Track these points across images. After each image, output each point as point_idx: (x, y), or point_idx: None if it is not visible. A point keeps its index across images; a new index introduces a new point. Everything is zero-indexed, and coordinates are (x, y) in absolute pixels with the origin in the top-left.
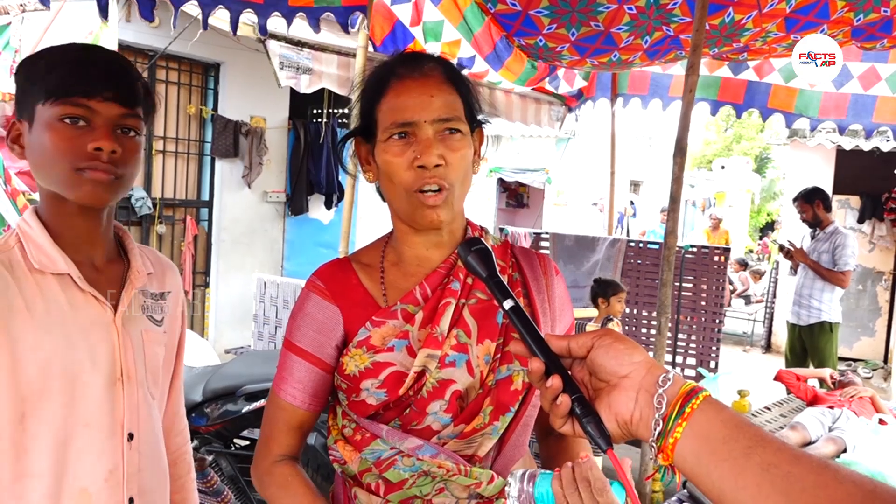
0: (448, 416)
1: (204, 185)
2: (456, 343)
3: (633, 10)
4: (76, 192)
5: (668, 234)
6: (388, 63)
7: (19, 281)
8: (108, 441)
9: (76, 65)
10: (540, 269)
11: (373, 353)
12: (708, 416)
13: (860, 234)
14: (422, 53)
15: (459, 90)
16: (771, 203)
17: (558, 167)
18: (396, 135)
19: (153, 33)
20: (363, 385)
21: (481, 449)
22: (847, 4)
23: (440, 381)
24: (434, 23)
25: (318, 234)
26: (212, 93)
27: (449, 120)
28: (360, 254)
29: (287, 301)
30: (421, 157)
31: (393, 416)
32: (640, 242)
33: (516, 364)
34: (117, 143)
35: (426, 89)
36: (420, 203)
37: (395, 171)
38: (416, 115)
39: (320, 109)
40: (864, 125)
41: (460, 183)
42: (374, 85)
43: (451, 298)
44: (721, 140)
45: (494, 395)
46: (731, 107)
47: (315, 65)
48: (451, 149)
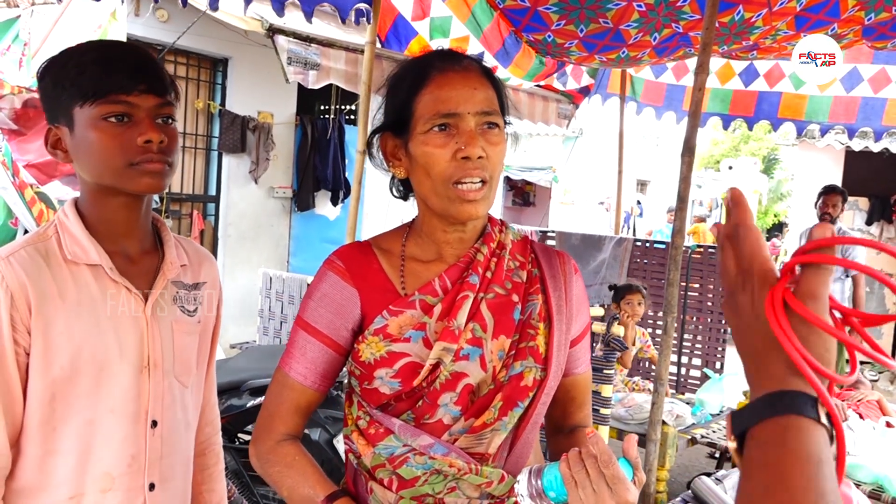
0: (458, 408)
1: (211, 180)
2: (471, 337)
3: (642, 7)
4: (135, 184)
5: (675, 234)
6: (425, 58)
7: (53, 270)
8: (132, 427)
9: (106, 63)
10: (559, 267)
11: (389, 341)
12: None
13: (868, 236)
14: (457, 51)
15: (496, 88)
16: (778, 204)
17: (565, 166)
18: (438, 126)
19: (162, 27)
20: (377, 374)
21: (491, 446)
22: (858, 3)
23: (453, 373)
24: (442, 18)
25: (324, 229)
26: (219, 88)
27: (490, 113)
28: (380, 239)
29: (293, 297)
30: (465, 147)
31: (405, 407)
32: (646, 242)
33: (530, 360)
34: (162, 132)
35: (469, 81)
36: (458, 197)
37: (436, 163)
38: (460, 107)
39: (328, 105)
40: (873, 128)
41: (496, 178)
42: (411, 78)
43: (469, 292)
44: (729, 140)
45: (505, 391)
46: (743, 120)
47: (323, 60)
48: (491, 143)
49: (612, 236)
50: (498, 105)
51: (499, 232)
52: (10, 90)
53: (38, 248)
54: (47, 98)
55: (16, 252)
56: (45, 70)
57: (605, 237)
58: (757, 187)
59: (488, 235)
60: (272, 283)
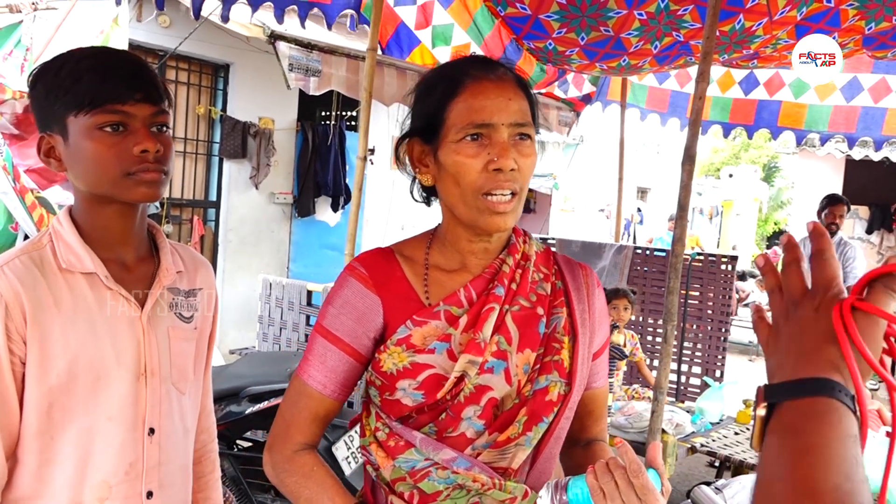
0: (481, 422)
1: (212, 186)
2: (496, 350)
3: (643, 15)
4: (131, 194)
5: (675, 242)
6: (458, 64)
7: (48, 278)
8: (130, 435)
9: (101, 72)
10: (582, 279)
11: (412, 352)
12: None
13: (869, 244)
14: (492, 59)
15: (529, 99)
16: (779, 212)
17: (566, 173)
18: (470, 136)
19: (164, 33)
20: (399, 385)
21: (515, 461)
22: (858, 13)
23: (477, 386)
24: (444, 26)
25: (325, 236)
26: (221, 93)
27: (523, 125)
28: (403, 246)
29: (293, 303)
30: (498, 159)
31: (427, 420)
32: (646, 249)
33: (555, 375)
34: (157, 141)
35: (504, 92)
36: (487, 208)
37: (467, 173)
38: (494, 117)
39: (329, 111)
40: (874, 137)
41: (525, 189)
42: (444, 84)
43: (495, 304)
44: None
45: (530, 406)
46: (743, 128)
47: (324, 67)
48: (523, 154)
49: (612, 244)
50: (531, 116)
51: (523, 243)
52: (11, 95)
53: (32, 256)
54: (39, 106)
55: (10, 261)
56: (38, 77)
57: (605, 245)
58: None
59: (513, 246)
60: (272, 289)
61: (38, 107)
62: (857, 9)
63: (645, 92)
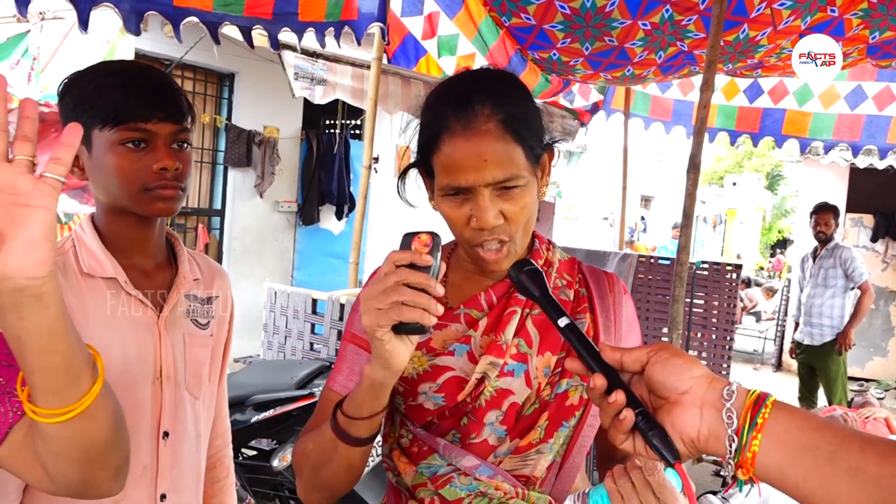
0: (503, 428)
1: (216, 194)
2: (516, 352)
3: (647, 25)
4: (149, 208)
5: (680, 251)
6: (441, 103)
7: (71, 283)
8: (144, 438)
9: (128, 89)
10: (607, 287)
11: (432, 355)
12: (782, 423)
13: (873, 252)
14: (475, 93)
15: (519, 137)
16: (782, 220)
17: (569, 181)
18: (451, 194)
19: (169, 43)
20: (421, 388)
21: (537, 469)
22: (862, 22)
23: (498, 390)
24: (449, 36)
25: (329, 244)
26: (226, 102)
27: (506, 181)
28: None
29: (297, 311)
30: (478, 220)
31: (450, 425)
32: (651, 258)
33: (576, 379)
34: (177, 159)
35: (480, 151)
36: (479, 257)
37: (454, 225)
38: (469, 181)
39: (334, 120)
40: (878, 145)
41: (523, 230)
42: (428, 129)
43: (517, 307)
44: (732, 156)
45: (551, 410)
46: (748, 136)
47: (329, 76)
48: (511, 203)
49: (616, 252)
50: (523, 159)
51: (546, 250)
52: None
53: (56, 261)
54: (67, 116)
55: None
56: (67, 88)
57: (609, 253)
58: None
59: (535, 252)
60: (277, 297)
61: (66, 117)
62: (861, 18)
63: (648, 101)
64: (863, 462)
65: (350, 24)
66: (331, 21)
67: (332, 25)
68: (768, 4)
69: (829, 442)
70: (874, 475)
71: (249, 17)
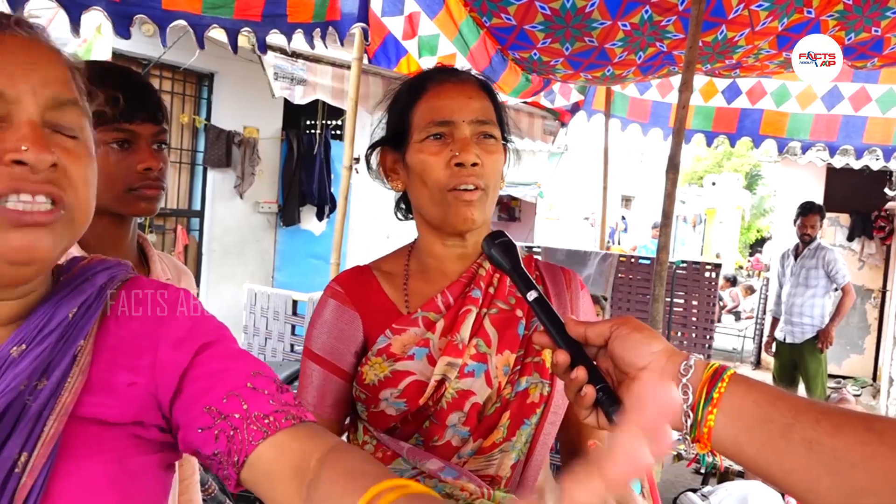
0: (466, 429)
1: (195, 195)
2: (475, 352)
3: (627, 26)
4: (132, 208)
5: (660, 250)
6: (423, 73)
7: None
8: None
9: (113, 90)
10: (564, 283)
11: (392, 361)
12: (738, 398)
13: (850, 251)
14: (455, 68)
15: (493, 101)
16: (761, 220)
17: (550, 181)
18: (433, 135)
19: (147, 42)
20: (382, 395)
21: (502, 468)
22: (838, 24)
23: (459, 391)
24: (430, 36)
25: (310, 245)
26: (205, 102)
27: (486, 123)
28: (382, 262)
29: (278, 312)
30: (460, 154)
31: (412, 429)
32: (631, 257)
33: (535, 376)
34: (159, 160)
35: (465, 91)
36: (455, 199)
37: (431, 170)
38: (454, 115)
39: (314, 120)
40: (854, 146)
41: (493, 188)
42: (408, 91)
43: (472, 306)
44: (712, 157)
45: (512, 408)
46: (726, 137)
47: (310, 76)
48: (487, 151)
49: (597, 252)
50: (495, 117)
51: None
52: None
53: None
54: None
55: None
56: None
57: (590, 252)
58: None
59: None
60: (257, 298)
61: None
62: (836, 20)
63: (626, 102)
64: (818, 434)
65: (333, 25)
66: (317, 22)
67: (318, 26)
68: (746, 6)
69: (784, 414)
70: (829, 447)
71: (238, 20)
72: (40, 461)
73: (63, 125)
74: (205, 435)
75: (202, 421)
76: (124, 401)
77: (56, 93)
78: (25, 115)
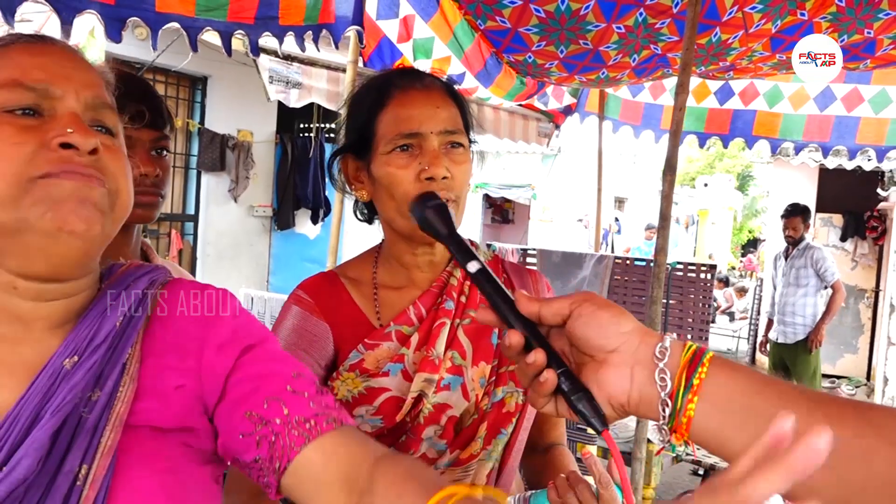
0: (443, 442)
1: (189, 199)
2: (451, 365)
3: (621, 29)
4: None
5: (657, 252)
6: (385, 76)
7: None
8: None
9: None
10: (532, 286)
11: (366, 377)
12: (721, 384)
13: (843, 251)
14: (417, 69)
15: (459, 105)
16: (753, 220)
17: (544, 183)
18: (400, 147)
19: (140, 45)
20: (356, 412)
21: (478, 477)
22: (831, 25)
23: (436, 405)
24: (424, 39)
25: (305, 248)
26: (199, 106)
27: (454, 132)
28: (347, 268)
29: (274, 316)
30: (430, 168)
31: (388, 443)
32: (626, 259)
33: (511, 385)
34: (157, 166)
35: (432, 100)
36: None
37: (400, 183)
38: (422, 126)
39: (308, 124)
40: (847, 146)
41: (463, 197)
42: (372, 97)
43: (445, 319)
44: (704, 158)
45: (489, 420)
46: (718, 138)
47: (305, 79)
48: (456, 162)
49: (592, 253)
50: (462, 124)
51: (470, 244)
52: None
53: None
54: None
55: None
56: None
57: (585, 254)
58: (732, 204)
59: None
60: (253, 302)
61: None
62: (829, 21)
63: (619, 104)
64: (809, 426)
65: (327, 28)
66: (309, 24)
67: (310, 29)
68: (740, 8)
69: (773, 404)
70: None
71: (231, 23)
72: (100, 473)
73: (102, 122)
74: (246, 441)
75: (243, 427)
76: (173, 404)
77: (95, 95)
78: (69, 108)
